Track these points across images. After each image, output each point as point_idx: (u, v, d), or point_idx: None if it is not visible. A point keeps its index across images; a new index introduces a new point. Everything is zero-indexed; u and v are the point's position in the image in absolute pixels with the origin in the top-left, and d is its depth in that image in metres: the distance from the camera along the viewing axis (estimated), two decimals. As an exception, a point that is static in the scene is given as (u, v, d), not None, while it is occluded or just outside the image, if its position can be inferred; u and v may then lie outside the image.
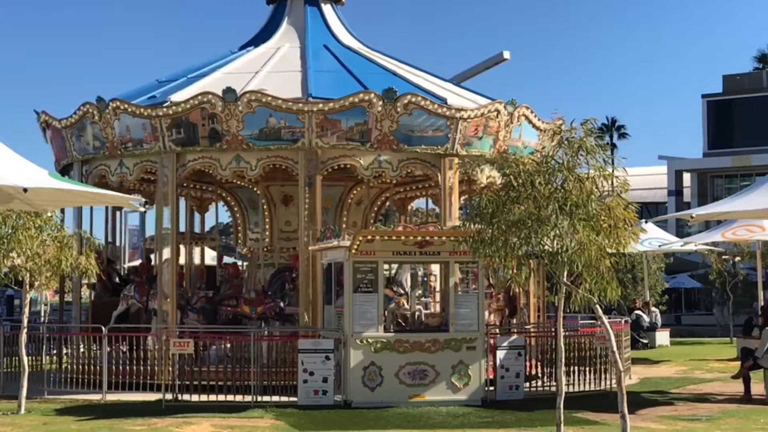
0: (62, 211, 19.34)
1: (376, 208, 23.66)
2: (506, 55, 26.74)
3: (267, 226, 21.72)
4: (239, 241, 23.08)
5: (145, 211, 23.14)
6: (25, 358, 15.87)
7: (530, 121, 19.56)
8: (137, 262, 28.01)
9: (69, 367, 18.67)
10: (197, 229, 24.91)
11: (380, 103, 17.92)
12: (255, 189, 21.63)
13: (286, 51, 21.04)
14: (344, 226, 20.46)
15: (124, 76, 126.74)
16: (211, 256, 28.22)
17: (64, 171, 20.44)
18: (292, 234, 20.93)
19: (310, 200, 18.13)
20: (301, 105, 17.97)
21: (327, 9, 22.34)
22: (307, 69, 19.97)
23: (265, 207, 21.65)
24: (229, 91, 17.79)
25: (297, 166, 18.13)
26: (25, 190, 12.60)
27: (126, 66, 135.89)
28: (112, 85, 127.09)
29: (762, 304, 24.84)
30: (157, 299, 18.74)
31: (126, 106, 18.44)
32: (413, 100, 18.15)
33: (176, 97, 18.60)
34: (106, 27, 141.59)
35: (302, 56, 20.73)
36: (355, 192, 22.31)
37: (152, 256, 20.75)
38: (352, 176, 20.04)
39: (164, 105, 18.35)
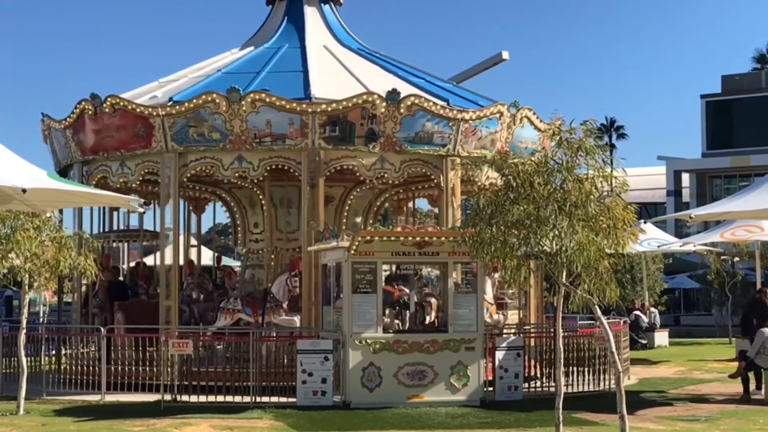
0: (60, 211, 19.24)
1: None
2: (505, 55, 26.82)
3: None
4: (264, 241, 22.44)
5: (144, 212, 22.73)
6: (24, 359, 15.86)
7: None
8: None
9: (68, 367, 18.62)
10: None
11: (508, 113, 18.76)
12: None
13: (340, 52, 21.18)
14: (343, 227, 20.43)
15: (113, 74, 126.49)
16: (208, 256, 28.14)
17: (84, 164, 19.70)
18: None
19: (445, 204, 18.61)
20: (455, 112, 18.42)
21: (335, 10, 22.52)
22: (408, 75, 20.50)
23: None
24: (393, 92, 17.90)
25: (436, 170, 18.52)
26: (24, 190, 12.59)
27: (113, 65, 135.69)
28: (105, 84, 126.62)
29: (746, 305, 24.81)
30: (275, 312, 18.04)
31: (273, 99, 17.73)
32: (527, 114, 19.08)
33: (321, 93, 18.31)
34: (92, 25, 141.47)
35: (370, 59, 21.14)
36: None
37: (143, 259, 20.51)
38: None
39: (318, 102, 17.96)
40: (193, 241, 24.57)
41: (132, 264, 26.78)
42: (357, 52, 21.64)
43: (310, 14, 22.06)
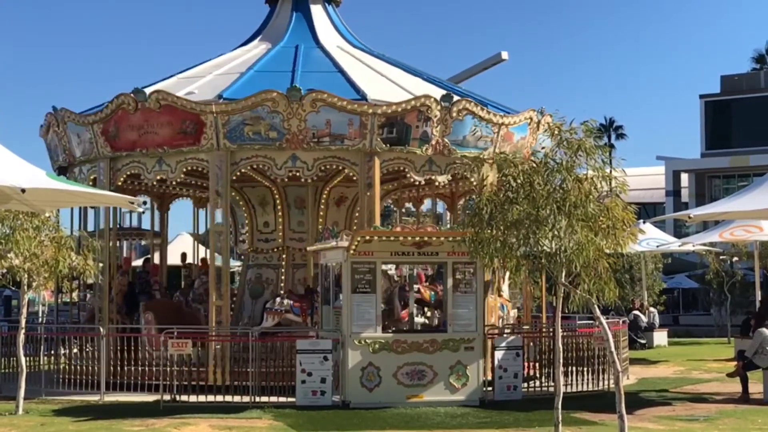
0: (58, 211, 19.12)
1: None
2: (504, 55, 26.89)
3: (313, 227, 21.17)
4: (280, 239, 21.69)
5: (143, 212, 22.64)
6: (23, 359, 15.86)
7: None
8: (135, 263, 27.93)
9: (67, 367, 18.59)
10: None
11: (537, 120, 19.25)
12: (321, 189, 21.14)
13: (357, 53, 21.24)
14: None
15: (107, 73, 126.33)
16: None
17: (113, 160, 18.95)
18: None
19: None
20: (499, 117, 18.78)
21: (335, 9, 22.46)
22: (436, 80, 20.76)
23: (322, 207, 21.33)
24: (448, 96, 18.20)
25: (474, 173, 18.75)
26: (23, 190, 12.57)
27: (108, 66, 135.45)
28: (102, 82, 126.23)
29: (759, 305, 24.85)
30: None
31: (335, 99, 17.62)
32: (548, 120, 19.29)
33: (375, 95, 18.36)
34: (88, 25, 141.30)
35: (388, 61, 21.27)
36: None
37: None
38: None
39: (378, 103, 17.98)
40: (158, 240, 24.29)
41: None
42: (370, 53, 21.57)
43: (317, 13, 21.94)
